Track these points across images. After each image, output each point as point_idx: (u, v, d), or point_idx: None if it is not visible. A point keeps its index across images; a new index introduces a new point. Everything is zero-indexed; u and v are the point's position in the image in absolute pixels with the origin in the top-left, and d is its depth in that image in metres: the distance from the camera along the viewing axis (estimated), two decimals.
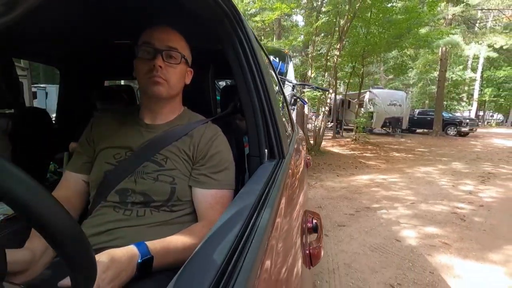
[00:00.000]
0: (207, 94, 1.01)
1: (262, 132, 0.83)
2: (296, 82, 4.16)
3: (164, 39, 0.76)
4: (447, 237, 2.66)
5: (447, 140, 12.22)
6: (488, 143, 11.59)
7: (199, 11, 0.71)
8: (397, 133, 12.85)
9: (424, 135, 13.82)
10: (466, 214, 3.29)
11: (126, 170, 0.74)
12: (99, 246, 0.68)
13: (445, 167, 6.19)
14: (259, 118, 0.83)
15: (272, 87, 1.09)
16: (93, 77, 1.67)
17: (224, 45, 0.82)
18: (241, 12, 0.82)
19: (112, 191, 0.73)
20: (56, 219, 0.28)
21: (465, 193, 4.19)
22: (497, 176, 5.38)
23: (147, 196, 0.72)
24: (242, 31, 0.82)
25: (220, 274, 0.34)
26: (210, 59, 1.01)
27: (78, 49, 1.34)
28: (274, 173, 0.75)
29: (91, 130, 0.85)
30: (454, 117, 15.44)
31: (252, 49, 0.86)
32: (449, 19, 12.36)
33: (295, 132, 1.90)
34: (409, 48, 10.54)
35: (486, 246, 2.49)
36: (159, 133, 0.79)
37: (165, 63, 0.75)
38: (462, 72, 20.50)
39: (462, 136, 13.98)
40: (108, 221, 0.71)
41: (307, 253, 0.72)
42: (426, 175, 5.36)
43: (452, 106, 21.50)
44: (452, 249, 2.42)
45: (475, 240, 2.60)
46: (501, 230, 2.86)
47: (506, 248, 2.46)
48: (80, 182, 0.81)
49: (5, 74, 1.20)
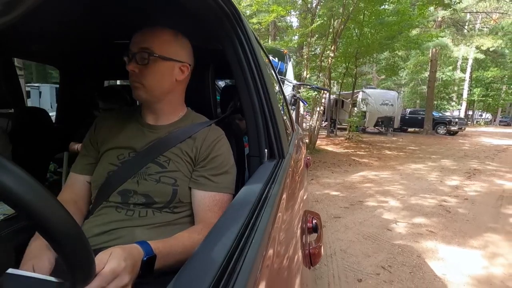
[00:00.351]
0: (207, 94, 1.00)
1: (262, 132, 0.83)
2: (296, 82, 4.26)
3: (138, 41, 0.75)
4: (433, 226, 2.91)
5: (437, 138, 12.62)
6: (476, 141, 12.02)
7: (199, 11, 0.71)
8: (389, 132, 13.20)
9: (415, 134, 14.21)
10: (452, 206, 3.55)
11: (129, 171, 0.74)
12: (101, 246, 0.67)
13: (434, 164, 6.48)
14: (259, 118, 0.83)
15: (272, 87, 1.10)
16: (93, 77, 1.66)
17: (224, 45, 0.82)
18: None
19: (114, 192, 0.73)
20: (56, 219, 0.28)
21: (452, 187, 4.46)
22: (482, 172, 5.69)
23: (149, 198, 0.73)
24: (242, 31, 0.82)
25: (220, 274, 0.34)
26: (210, 59, 1.01)
27: (78, 49, 1.32)
28: (274, 173, 0.75)
29: (94, 131, 0.85)
30: (444, 116, 15.90)
31: (252, 49, 0.86)
32: (439, 21, 12.75)
33: (295, 132, 1.91)
34: (400, 50, 10.89)
35: (467, 234, 2.74)
36: (162, 134, 0.79)
37: (139, 66, 0.74)
38: (452, 72, 21.07)
39: (452, 134, 14.42)
40: (110, 221, 0.71)
41: (307, 253, 0.72)
42: (416, 171, 5.64)
43: (442, 105, 22.04)
44: (437, 237, 2.67)
45: (458, 229, 2.85)
46: (483, 220, 3.12)
47: (485, 235, 2.71)
48: (85, 184, 0.81)
49: (5, 74, 1.21)
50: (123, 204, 0.73)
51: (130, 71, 0.74)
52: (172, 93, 0.80)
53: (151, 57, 0.73)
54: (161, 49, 0.75)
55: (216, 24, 0.76)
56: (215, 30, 0.79)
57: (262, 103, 0.84)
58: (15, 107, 1.30)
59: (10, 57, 1.25)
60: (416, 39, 9.66)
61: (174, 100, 0.82)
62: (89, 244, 0.33)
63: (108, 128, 0.83)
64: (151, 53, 0.73)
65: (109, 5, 0.81)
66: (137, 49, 0.74)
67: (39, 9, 0.32)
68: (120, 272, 0.49)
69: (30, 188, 0.27)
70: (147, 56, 0.73)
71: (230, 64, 0.83)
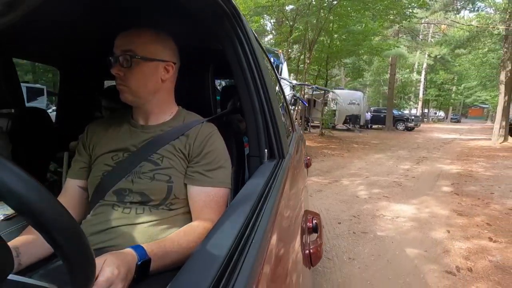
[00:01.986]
0: (207, 94, 1.00)
1: (262, 132, 0.83)
2: (297, 83, 4.36)
3: (120, 44, 0.75)
4: (387, 193, 4.01)
5: (397, 134, 14.38)
6: (428, 136, 13.90)
7: (199, 11, 0.71)
8: (356, 129, 14.65)
9: (378, 130, 15.95)
10: (402, 182, 4.72)
11: (123, 171, 0.75)
12: (99, 245, 0.68)
13: (392, 154, 7.82)
14: (259, 118, 0.83)
15: (272, 87, 1.10)
16: (93, 77, 1.66)
17: (224, 45, 0.81)
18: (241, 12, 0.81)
19: (109, 191, 0.74)
20: (55, 218, 0.28)
21: (404, 170, 5.69)
22: (429, 159, 7.07)
23: (144, 196, 0.73)
24: (242, 31, 0.81)
25: (220, 274, 0.34)
26: (210, 59, 1.01)
27: (78, 49, 1.33)
28: (274, 173, 0.74)
29: (86, 137, 0.85)
30: (402, 114, 17.95)
31: (252, 49, 0.85)
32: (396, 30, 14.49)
33: (295, 132, 1.92)
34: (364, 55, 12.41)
35: (410, 197, 3.87)
36: (155, 133, 0.79)
37: (123, 68, 0.74)
38: (409, 75, 23.45)
39: (409, 130, 16.38)
40: (107, 219, 0.72)
41: (307, 253, 0.72)
42: (378, 160, 6.88)
43: (401, 104, 24.46)
44: (390, 199, 3.76)
45: (405, 194, 3.98)
46: (422, 189, 4.29)
47: (422, 198, 3.86)
48: (78, 189, 0.81)
49: (5, 74, 1.20)
50: (119, 202, 0.73)
51: (115, 74, 0.75)
52: (159, 93, 0.80)
53: (133, 59, 0.73)
54: (143, 50, 0.75)
55: (216, 24, 0.76)
56: (215, 30, 0.79)
57: (262, 103, 0.84)
58: (15, 107, 1.30)
59: (10, 57, 1.25)
60: (377, 46, 11.13)
61: (162, 99, 0.82)
62: (91, 249, 0.33)
63: (100, 133, 0.84)
64: (133, 55, 0.73)
65: (109, 5, 0.81)
66: (120, 52, 0.74)
67: (39, 9, 0.33)
68: (114, 280, 0.50)
69: (37, 193, 0.27)
70: (130, 58, 0.74)
71: (230, 64, 0.83)
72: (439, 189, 4.32)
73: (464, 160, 6.98)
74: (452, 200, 3.75)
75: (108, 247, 0.67)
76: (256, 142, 0.83)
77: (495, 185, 4.52)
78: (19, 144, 1.21)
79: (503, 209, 3.38)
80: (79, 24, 0.95)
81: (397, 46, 12.16)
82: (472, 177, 5.13)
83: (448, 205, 3.55)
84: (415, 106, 27.25)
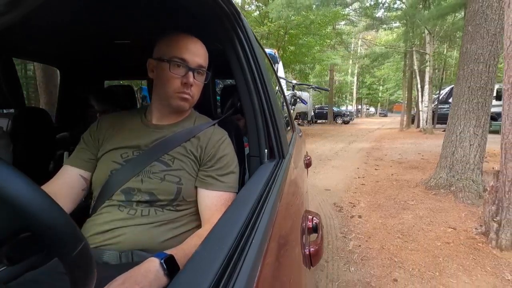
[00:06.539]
0: (207, 94, 0.99)
1: (262, 132, 0.83)
2: (296, 82, 4.43)
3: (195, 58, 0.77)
4: (332, 160, 6.66)
5: (336, 126, 17.93)
6: (359, 127, 17.70)
7: (199, 11, 0.72)
8: (305, 124, 17.64)
9: (322, 124, 19.44)
10: (340, 154, 7.46)
11: (133, 169, 0.74)
12: (103, 244, 0.69)
13: (332, 139, 10.80)
14: (259, 118, 0.83)
15: (272, 87, 1.11)
16: (93, 77, 1.65)
17: (224, 45, 0.81)
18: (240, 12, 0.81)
19: (118, 190, 0.73)
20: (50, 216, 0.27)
21: (341, 148, 8.55)
22: (356, 141, 10.15)
23: (153, 196, 0.72)
24: (242, 31, 0.81)
25: (220, 274, 0.34)
26: (210, 59, 0.98)
27: (78, 49, 1.32)
28: (274, 173, 0.75)
29: (97, 128, 0.84)
30: (340, 110, 21.82)
31: (252, 49, 0.86)
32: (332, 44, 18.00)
33: (295, 132, 1.95)
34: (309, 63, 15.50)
35: (343, 159, 6.57)
36: (167, 133, 0.79)
37: (194, 80, 0.77)
38: (344, 77, 27.85)
39: (346, 123, 20.21)
40: (112, 219, 0.72)
41: (307, 253, 0.72)
42: (322, 144, 9.73)
43: (340, 102, 28.84)
44: (331, 162, 6.38)
45: (339, 159, 6.67)
46: (351, 155, 7.07)
47: (350, 159, 6.59)
48: (77, 177, 0.79)
49: (5, 74, 1.21)
50: (126, 202, 0.73)
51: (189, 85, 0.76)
52: None
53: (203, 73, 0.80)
54: (205, 63, 0.81)
55: (216, 24, 0.76)
56: (215, 30, 0.78)
57: (262, 103, 0.84)
58: (16, 107, 1.30)
59: (10, 57, 1.25)
60: (318, 58, 14.24)
61: None
62: (92, 253, 0.32)
63: (112, 128, 0.83)
64: (204, 71, 0.80)
65: (109, 5, 0.81)
66: (196, 66, 0.77)
67: (39, 9, 0.33)
68: None
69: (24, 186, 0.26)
70: (206, 74, 0.80)
71: (230, 64, 0.83)
72: (359, 154, 7.17)
73: (378, 141, 10.22)
74: (366, 160, 6.55)
75: (111, 245, 0.69)
76: (256, 142, 0.84)
77: (388, 152, 7.56)
78: (19, 144, 1.22)
79: (388, 160, 6.28)
80: (79, 24, 0.95)
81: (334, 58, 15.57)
82: (379, 149, 8.17)
83: (362, 160, 6.34)
84: (351, 103, 32.22)
